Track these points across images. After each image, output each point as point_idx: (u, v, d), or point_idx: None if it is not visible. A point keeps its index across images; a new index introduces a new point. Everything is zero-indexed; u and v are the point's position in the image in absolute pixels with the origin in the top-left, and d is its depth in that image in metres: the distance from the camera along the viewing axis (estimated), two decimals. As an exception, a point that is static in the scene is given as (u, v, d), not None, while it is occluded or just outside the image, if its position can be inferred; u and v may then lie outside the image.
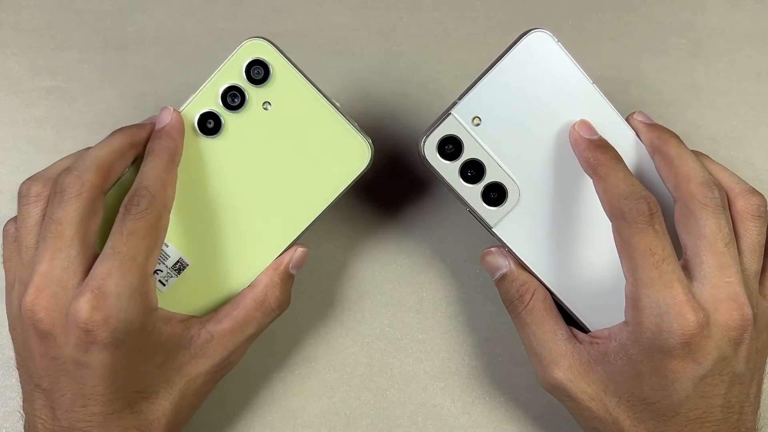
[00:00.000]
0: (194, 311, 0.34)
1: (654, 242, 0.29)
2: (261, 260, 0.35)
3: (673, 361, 0.29)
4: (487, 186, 0.33)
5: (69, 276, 0.30)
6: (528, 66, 0.32)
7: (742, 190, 0.32)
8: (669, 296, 0.29)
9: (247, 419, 0.39)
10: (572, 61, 0.33)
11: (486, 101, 0.32)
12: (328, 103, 0.34)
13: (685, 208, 0.31)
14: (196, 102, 0.34)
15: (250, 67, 0.33)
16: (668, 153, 0.32)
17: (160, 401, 0.31)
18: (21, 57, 0.43)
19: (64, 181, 0.31)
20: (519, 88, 0.32)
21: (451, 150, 0.33)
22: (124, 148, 0.33)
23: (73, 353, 0.29)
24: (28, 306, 0.30)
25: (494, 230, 0.33)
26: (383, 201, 0.41)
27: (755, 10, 0.43)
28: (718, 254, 0.30)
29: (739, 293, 0.30)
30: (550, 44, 0.32)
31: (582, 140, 0.32)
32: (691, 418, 0.30)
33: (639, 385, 0.30)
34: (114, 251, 0.30)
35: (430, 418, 0.39)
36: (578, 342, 0.32)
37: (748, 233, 0.32)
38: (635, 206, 0.29)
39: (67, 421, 0.30)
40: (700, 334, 0.29)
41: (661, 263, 0.29)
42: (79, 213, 0.30)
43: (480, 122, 0.32)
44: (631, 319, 0.30)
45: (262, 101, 0.34)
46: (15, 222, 0.33)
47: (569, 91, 0.33)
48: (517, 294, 0.33)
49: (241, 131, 0.34)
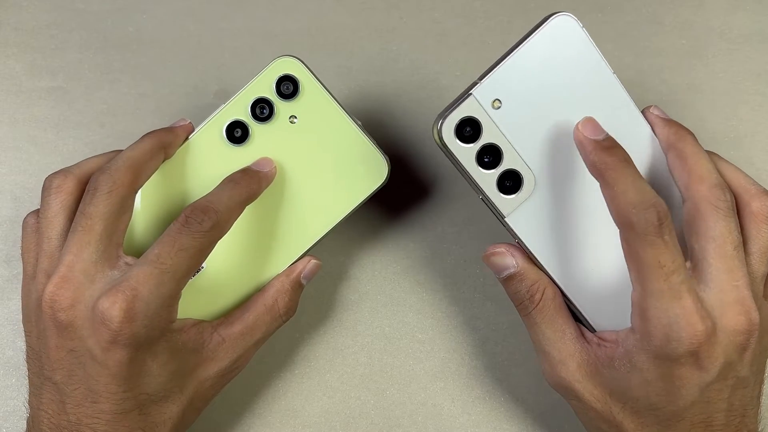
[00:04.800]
0: (206, 315, 0.34)
1: (664, 255, 0.28)
2: (274, 268, 0.35)
3: (681, 369, 0.29)
4: (503, 173, 0.31)
5: (96, 270, 0.31)
6: (552, 50, 0.31)
7: (757, 191, 0.32)
8: (678, 306, 0.28)
9: (247, 419, 0.39)
10: (596, 48, 0.31)
11: (507, 84, 0.31)
12: (350, 120, 0.35)
13: (695, 209, 0.31)
14: (227, 111, 0.35)
15: (280, 82, 0.35)
16: (683, 151, 0.32)
17: (169, 405, 0.32)
18: (21, 57, 0.43)
19: (98, 179, 0.32)
20: (541, 73, 0.31)
21: (469, 133, 0.31)
22: (155, 150, 0.33)
23: (93, 348, 0.30)
24: (51, 295, 0.30)
25: (507, 220, 0.32)
26: (383, 201, 0.41)
27: (755, 10, 0.43)
28: (727, 257, 0.30)
29: (746, 297, 0.30)
30: (576, 29, 0.31)
31: (587, 141, 0.30)
32: (695, 422, 0.29)
33: (644, 392, 0.30)
34: (158, 260, 0.30)
35: (430, 418, 0.39)
36: (587, 342, 0.32)
37: (761, 235, 0.31)
38: (644, 216, 0.28)
39: (75, 415, 0.30)
40: (707, 342, 0.28)
41: (670, 275, 0.28)
42: (109, 209, 0.31)
43: (500, 105, 0.31)
44: (638, 327, 0.30)
45: (289, 115, 0.35)
46: (36, 214, 0.34)
47: (591, 80, 0.32)
48: (527, 294, 0.33)
49: (266, 142, 0.35)
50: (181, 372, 0.32)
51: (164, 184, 0.35)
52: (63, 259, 0.31)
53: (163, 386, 0.31)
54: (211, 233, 0.31)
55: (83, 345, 0.30)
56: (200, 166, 0.35)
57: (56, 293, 0.30)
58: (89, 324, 0.30)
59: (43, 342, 0.31)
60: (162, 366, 0.31)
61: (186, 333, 0.32)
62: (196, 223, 0.31)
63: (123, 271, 0.31)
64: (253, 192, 0.33)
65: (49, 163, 0.41)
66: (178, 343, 0.31)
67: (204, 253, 0.31)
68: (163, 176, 0.35)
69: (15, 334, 0.39)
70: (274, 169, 0.35)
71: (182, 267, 0.30)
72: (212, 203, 0.31)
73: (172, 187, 0.35)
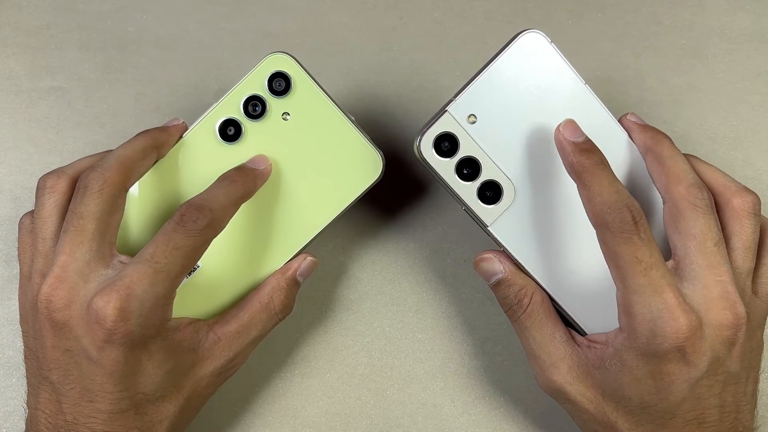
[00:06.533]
0: (201, 314, 0.34)
1: (640, 250, 0.29)
2: (269, 266, 0.35)
3: (668, 365, 0.29)
4: (483, 184, 0.33)
5: (90, 269, 0.31)
6: (522, 66, 0.33)
7: (737, 188, 0.32)
8: (660, 301, 0.29)
9: (247, 419, 0.39)
10: (565, 61, 0.33)
11: (481, 100, 0.33)
12: (344, 116, 0.35)
13: (675, 209, 0.31)
14: (219, 109, 0.35)
15: (272, 79, 0.34)
16: (660, 154, 0.33)
17: (166, 405, 0.32)
18: (21, 57, 0.43)
19: (88, 178, 0.31)
20: (513, 87, 0.33)
21: (447, 147, 0.33)
22: (147, 149, 0.33)
23: (88, 347, 0.30)
24: (46, 296, 0.30)
25: (490, 229, 0.33)
26: (383, 201, 0.41)
27: (755, 10, 0.43)
28: (708, 253, 0.30)
29: (731, 292, 0.30)
30: (544, 45, 0.33)
31: (567, 143, 0.31)
32: (688, 419, 0.30)
33: (635, 390, 0.30)
34: (152, 260, 0.30)
35: (430, 417, 0.39)
36: (576, 345, 0.32)
37: (744, 231, 0.32)
38: (619, 216, 0.29)
39: (72, 415, 0.30)
40: (693, 337, 0.29)
41: (649, 270, 0.29)
42: (100, 208, 0.31)
43: (475, 120, 0.33)
44: (624, 325, 0.30)
45: (282, 112, 0.35)
46: (31, 215, 0.34)
47: (562, 91, 0.33)
48: (515, 299, 0.33)
49: (260, 139, 0.35)
50: (177, 371, 0.32)
51: (158, 182, 0.35)
52: (56, 260, 0.31)
53: (159, 385, 0.31)
54: (206, 232, 0.31)
55: (79, 344, 0.30)
56: (194, 164, 0.35)
57: (51, 294, 0.30)
58: (84, 323, 0.30)
59: (40, 342, 0.31)
60: (158, 365, 0.31)
61: (181, 332, 0.32)
62: (191, 221, 0.30)
63: (117, 270, 0.31)
64: (248, 190, 0.33)
65: (49, 163, 0.41)
66: (173, 342, 0.31)
67: (199, 251, 0.31)
68: (156, 175, 0.34)
69: (15, 334, 0.39)
70: (269, 166, 0.35)
71: (177, 266, 0.30)
72: (207, 201, 0.31)
73: (166, 185, 0.35)
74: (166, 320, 0.31)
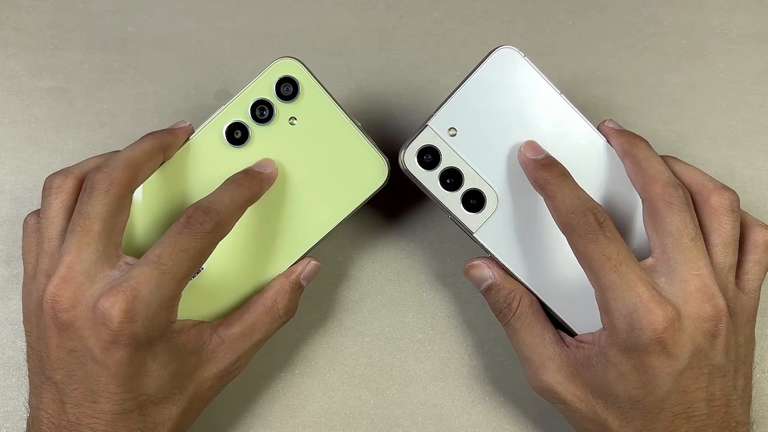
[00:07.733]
0: (205, 316, 0.34)
1: (608, 248, 0.30)
2: (273, 269, 0.35)
3: (650, 358, 0.29)
4: (466, 193, 0.34)
5: (96, 270, 0.31)
6: (497, 79, 0.34)
7: (715, 186, 0.33)
8: (634, 295, 0.29)
9: (247, 419, 0.39)
10: (540, 74, 0.34)
11: (460, 113, 0.34)
12: (350, 122, 0.35)
13: (652, 208, 0.32)
14: (226, 112, 0.35)
15: (280, 84, 0.35)
16: (637, 156, 0.33)
17: (169, 406, 0.32)
18: (21, 57, 0.43)
19: (94, 178, 0.32)
20: (490, 100, 0.34)
21: (429, 159, 0.34)
22: (154, 150, 0.33)
23: (93, 348, 0.30)
24: (52, 296, 0.30)
25: (475, 236, 0.34)
26: (383, 202, 0.41)
27: (755, 10, 0.43)
28: (685, 249, 0.31)
29: (709, 285, 0.30)
30: (517, 59, 0.34)
31: (529, 161, 0.33)
32: (676, 413, 0.30)
33: (622, 386, 0.30)
34: (159, 261, 0.30)
35: (430, 418, 0.39)
36: (565, 345, 0.33)
37: (723, 227, 0.32)
38: (583, 219, 0.30)
39: (75, 415, 0.30)
40: (671, 328, 0.29)
41: (618, 266, 0.30)
42: (106, 209, 0.31)
43: (456, 133, 0.34)
44: (605, 323, 0.31)
45: (289, 116, 0.35)
46: (36, 215, 0.34)
47: (538, 102, 0.34)
48: (505, 303, 0.34)
49: (266, 143, 0.35)
50: (180, 373, 0.32)
51: (164, 184, 0.35)
52: (62, 260, 0.31)
53: (162, 387, 0.31)
54: (213, 234, 0.31)
55: (83, 345, 0.30)
56: (200, 167, 0.35)
57: (57, 294, 0.30)
58: (90, 324, 0.30)
59: (44, 342, 0.31)
60: (162, 367, 0.31)
61: (186, 334, 0.32)
62: (198, 223, 0.31)
63: (123, 271, 0.31)
64: (254, 193, 0.33)
65: (49, 163, 0.41)
66: (177, 343, 0.31)
67: (205, 254, 0.31)
68: (163, 177, 0.35)
69: (15, 334, 0.39)
70: (275, 170, 0.35)
71: (183, 268, 0.30)
72: (214, 204, 0.31)
73: (173, 188, 0.35)
74: (171, 322, 0.31)
